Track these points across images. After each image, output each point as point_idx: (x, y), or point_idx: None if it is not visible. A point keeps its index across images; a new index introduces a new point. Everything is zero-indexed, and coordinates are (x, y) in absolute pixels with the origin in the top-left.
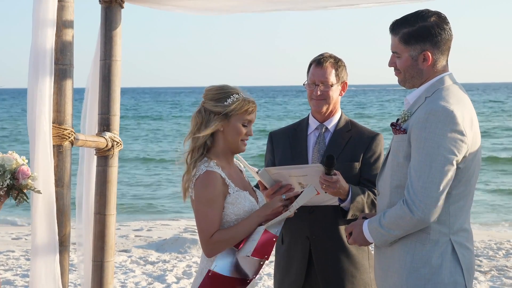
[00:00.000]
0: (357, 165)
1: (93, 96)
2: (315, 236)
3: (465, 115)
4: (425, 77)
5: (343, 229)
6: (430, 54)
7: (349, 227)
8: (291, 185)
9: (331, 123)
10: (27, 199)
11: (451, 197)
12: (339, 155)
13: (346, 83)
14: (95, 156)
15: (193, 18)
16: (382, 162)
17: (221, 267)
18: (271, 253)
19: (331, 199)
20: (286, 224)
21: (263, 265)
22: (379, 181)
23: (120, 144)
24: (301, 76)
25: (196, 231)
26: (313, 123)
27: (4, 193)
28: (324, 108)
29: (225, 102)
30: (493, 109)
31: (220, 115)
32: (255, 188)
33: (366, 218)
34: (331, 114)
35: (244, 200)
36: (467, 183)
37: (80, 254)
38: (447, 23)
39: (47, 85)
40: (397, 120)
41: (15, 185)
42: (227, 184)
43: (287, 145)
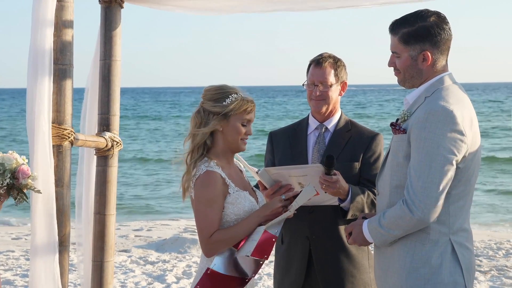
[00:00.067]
0: (357, 165)
1: (93, 96)
2: (315, 236)
3: (465, 115)
4: (425, 77)
5: (343, 229)
6: (430, 54)
7: (349, 227)
8: (291, 185)
9: (331, 123)
10: (27, 199)
11: (451, 197)
12: (339, 155)
13: (346, 83)
14: (95, 156)
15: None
16: (382, 162)
17: (220, 266)
18: (271, 253)
19: (331, 199)
20: (286, 224)
21: (262, 265)
22: (379, 181)
23: (120, 144)
24: (301, 76)
25: (196, 231)
26: (313, 123)
27: (4, 193)
28: (324, 109)
29: (224, 102)
30: (493, 109)
31: (219, 115)
32: (255, 188)
33: (366, 218)
34: (331, 114)
35: (244, 200)
36: (467, 183)
37: (80, 254)
38: (447, 23)
39: (46, 85)
40: (397, 120)
41: (15, 185)
42: (227, 184)
43: (287, 145)
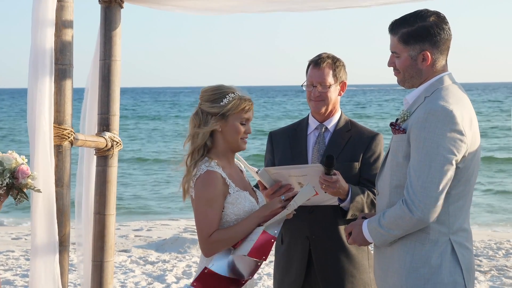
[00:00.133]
0: (357, 165)
1: (93, 96)
2: (315, 236)
3: (465, 115)
4: (425, 77)
5: (343, 229)
6: (429, 54)
7: (349, 227)
8: (291, 185)
9: (331, 123)
10: (27, 198)
11: (451, 197)
12: (339, 155)
13: (345, 83)
14: (95, 156)
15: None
16: (382, 162)
17: (218, 266)
18: (269, 254)
19: (331, 199)
20: (286, 224)
21: (260, 266)
22: (379, 181)
23: (120, 144)
24: (301, 76)
25: (196, 231)
26: (313, 123)
27: (4, 193)
28: (323, 109)
29: (221, 103)
30: (492, 109)
31: (218, 116)
32: (255, 189)
33: (366, 218)
34: (331, 114)
35: (244, 200)
36: (467, 183)
37: (80, 254)
38: (446, 23)
39: (47, 85)
40: (397, 120)
41: (15, 184)
42: (228, 184)
43: (287, 145)
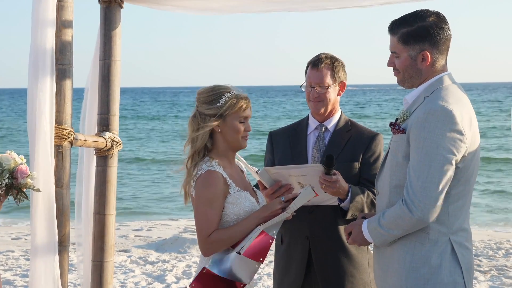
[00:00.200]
0: (357, 165)
1: (93, 96)
2: (315, 236)
3: (464, 115)
4: (424, 77)
5: (343, 229)
6: (429, 54)
7: (349, 227)
8: (291, 185)
9: (331, 123)
10: (27, 198)
11: (450, 197)
12: (339, 155)
13: (345, 83)
14: (95, 156)
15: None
16: (381, 162)
17: (215, 267)
18: (267, 255)
19: (331, 199)
20: (286, 224)
21: (258, 269)
22: (378, 181)
23: (120, 144)
24: (301, 76)
25: (196, 231)
26: (313, 123)
27: (3, 193)
28: (322, 110)
29: (218, 103)
30: (492, 109)
31: (216, 117)
32: (256, 189)
33: (366, 218)
34: (331, 114)
35: (245, 201)
36: (466, 183)
37: (80, 254)
38: (446, 23)
39: (48, 85)
40: (396, 120)
41: (14, 184)
42: (228, 184)
43: (287, 145)
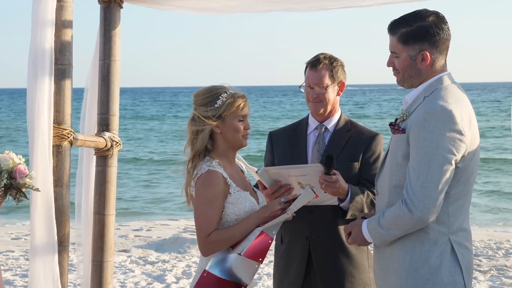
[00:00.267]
0: (357, 165)
1: (92, 96)
2: (315, 236)
3: (464, 115)
4: (424, 77)
5: (343, 229)
6: (429, 54)
7: (348, 227)
8: (291, 185)
9: (331, 123)
10: (27, 198)
11: (450, 197)
12: (339, 155)
13: (344, 83)
14: (94, 156)
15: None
16: (381, 162)
17: (216, 268)
18: (266, 255)
19: (331, 199)
20: (286, 224)
21: (258, 269)
22: (378, 181)
23: (120, 144)
24: (301, 76)
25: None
26: (313, 123)
27: (2, 193)
28: (321, 110)
29: (216, 105)
30: (491, 109)
31: (214, 118)
32: (256, 189)
33: (365, 218)
34: (331, 114)
35: (245, 201)
36: (466, 183)
37: (80, 254)
38: (445, 23)
39: (47, 85)
40: (396, 120)
41: (13, 185)
42: (229, 184)
43: (287, 145)
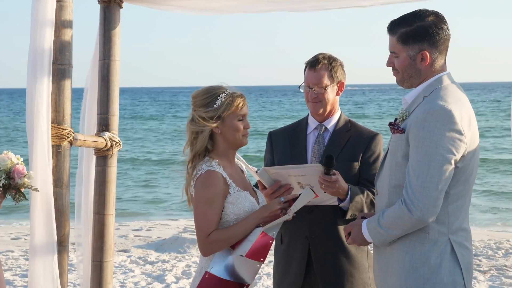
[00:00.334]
0: (357, 165)
1: (92, 96)
2: (314, 236)
3: (463, 114)
4: (423, 77)
5: (342, 229)
6: (428, 54)
7: (348, 227)
8: (290, 185)
9: (331, 123)
10: (26, 198)
11: (450, 197)
12: (338, 155)
13: (343, 83)
14: (94, 156)
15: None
16: (381, 162)
17: (218, 269)
18: (267, 256)
19: (330, 199)
20: (286, 224)
21: (259, 269)
22: (378, 181)
23: (119, 144)
24: (300, 76)
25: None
26: (313, 123)
27: (1, 193)
28: (321, 110)
29: (215, 105)
30: (490, 109)
31: (214, 119)
32: (256, 189)
33: (365, 218)
34: (330, 114)
35: (245, 200)
36: (466, 183)
37: (79, 254)
38: (445, 23)
39: (45, 85)
40: (395, 120)
41: (12, 185)
42: (228, 184)
43: (287, 145)
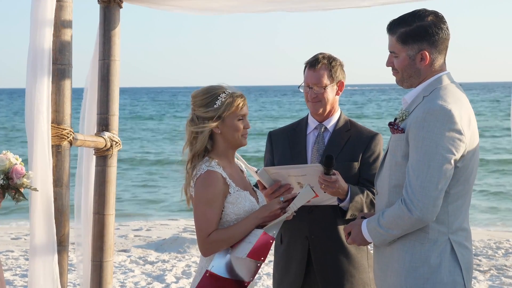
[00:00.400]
0: (356, 165)
1: (92, 96)
2: (314, 236)
3: (463, 114)
4: (423, 77)
5: (342, 229)
6: (428, 54)
7: (348, 227)
8: (290, 185)
9: (330, 123)
10: (25, 198)
11: (450, 196)
12: (338, 155)
13: (343, 83)
14: (94, 156)
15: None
16: (381, 162)
17: (218, 268)
18: (268, 254)
19: (330, 199)
20: (285, 224)
21: (260, 267)
22: (378, 181)
23: (119, 144)
24: (300, 76)
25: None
26: (312, 123)
27: (0, 193)
28: (320, 110)
29: (215, 105)
30: (490, 109)
31: (214, 119)
32: (256, 189)
33: (365, 218)
34: (330, 114)
35: (245, 200)
36: (466, 182)
37: (79, 254)
38: (444, 23)
39: (45, 85)
40: (395, 120)
41: (11, 185)
42: (228, 184)
43: (286, 145)
